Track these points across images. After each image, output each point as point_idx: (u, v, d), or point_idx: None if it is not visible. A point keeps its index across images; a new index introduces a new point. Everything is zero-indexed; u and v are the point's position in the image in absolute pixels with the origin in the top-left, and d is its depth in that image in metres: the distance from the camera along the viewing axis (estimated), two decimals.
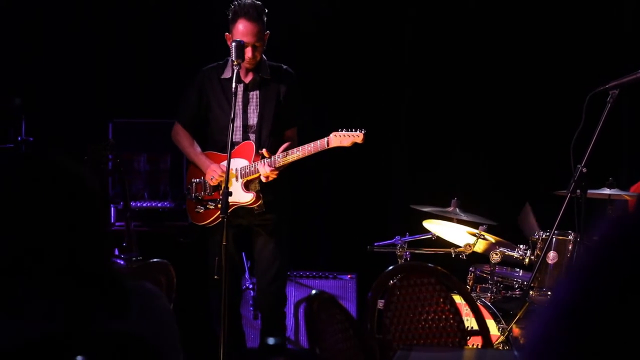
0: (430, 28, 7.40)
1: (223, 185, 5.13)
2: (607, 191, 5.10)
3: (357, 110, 7.25)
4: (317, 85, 7.23)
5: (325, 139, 5.36)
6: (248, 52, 5.38)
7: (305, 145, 5.40)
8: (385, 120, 7.41)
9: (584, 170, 4.45)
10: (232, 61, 5.26)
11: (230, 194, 5.15)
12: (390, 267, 3.95)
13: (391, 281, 3.95)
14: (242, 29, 5.37)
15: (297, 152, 5.40)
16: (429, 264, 4.05)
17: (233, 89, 5.20)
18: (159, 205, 6.69)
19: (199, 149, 5.67)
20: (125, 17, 7.35)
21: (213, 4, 6.68)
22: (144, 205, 6.67)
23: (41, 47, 7.06)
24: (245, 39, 5.35)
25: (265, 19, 5.45)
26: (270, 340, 5.38)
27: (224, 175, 5.09)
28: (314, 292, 3.05)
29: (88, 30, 7.17)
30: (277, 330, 5.62)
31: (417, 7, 7.41)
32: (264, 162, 5.41)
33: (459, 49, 7.32)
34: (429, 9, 7.39)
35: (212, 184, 5.54)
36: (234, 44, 5.25)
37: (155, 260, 4.19)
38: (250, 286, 6.51)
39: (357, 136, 5.33)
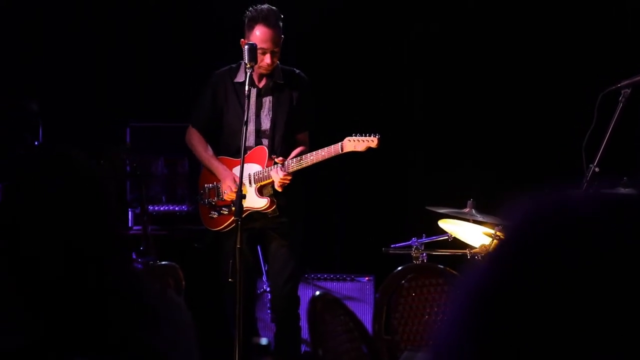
0: (442, 28, 7.40)
1: (237, 189, 5.16)
2: (621, 191, 5.06)
3: (372, 112, 7.25)
4: (330, 87, 7.24)
5: (339, 144, 5.33)
6: (267, 59, 5.38)
7: (319, 150, 5.38)
8: (401, 122, 7.41)
9: (597, 169, 4.42)
10: (245, 64, 5.27)
11: (244, 196, 5.16)
12: (399, 268, 3.95)
13: (402, 282, 3.95)
14: (260, 35, 5.35)
15: (311, 157, 5.39)
16: (438, 265, 4.04)
17: (246, 92, 5.20)
18: (176, 209, 6.71)
19: (212, 154, 5.67)
20: (143, 21, 7.38)
21: (229, 9, 6.71)
22: (162, 209, 6.68)
23: (58, 51, 7.09)
24: (264, 45, 5.35)
25: (281, 24, 5.45)
26: (264, 341, 5.39)
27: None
28: (317, 293, 3.05)
29: (105, 34, 7.21)
30: (291, 333, 5.61)
31: (428, 7, 7.41)
32: (277, 167, 5.40)
33: (472, 48, 7.31)
34: (440, 9, 7.39)
35: (225, 197, 5.55)
36: (246, 46, 5.24)
37: (163, 262, 4.21)
38: (268, 289, 6.51)
39: (371, 141, 5.31)
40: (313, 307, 2.91)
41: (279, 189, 5.45)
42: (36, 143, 6.15)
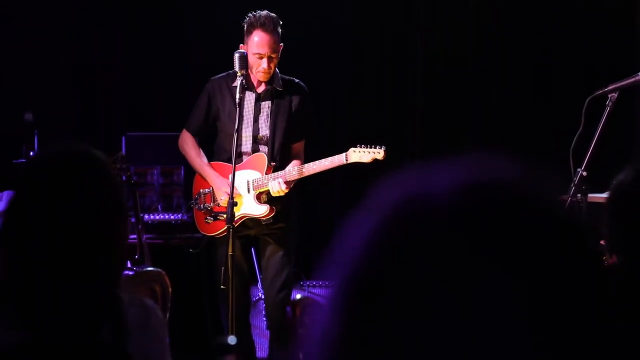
0: (438, 34, 7.45)
1: (229, 195, 5.15)
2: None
3: (375, 118, 7.27)
4: (333, 96, 7.28)
5: (344, 154, 5.30)
6: (264, 63, 5.34)
7: (322, 159, 5.35)
8: (403, 128, 7.43)
9: (584, 174, 4.42)
10: (236, 72, 5.25)
11: (236, 204, 5.14)
12: None
13: None
14: (257, 40, 5.34)
15: (313, 167, 5.36)
16: None
17: (237, 100, 5.18)
18: (172, 217, 6.72)
19: (205, 161, 5.66)
20: (139, 30, 7.41)
21: (227, 16, 6.74)
22: (158, 217, 6.69)
23: (53, 61, 7.10)
24: (261, 50, 5.32)
25: (281, 30, 5.44)
26: (232, 340, 5.35)
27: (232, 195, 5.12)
28: (297, 296, 3.06)
29: (101, 42, 7.23)
30: (285, 339, 5.60)
31: (428, 12, 7.46)
32: (277, 176, 5.38)
33: (464, 58, 7.35)
34: (438, 14, 7.44)
35: (222, 204, 5.51)
36: (237, 54, 5.22)
37: (149, 269, 4.20)
38: (264, 296, 6.50)
39: (377, 152, 5.26)
40: (292, 311, 2.92)
41: (273, 194, 5.42)
42: (31, 153, 6.14)
